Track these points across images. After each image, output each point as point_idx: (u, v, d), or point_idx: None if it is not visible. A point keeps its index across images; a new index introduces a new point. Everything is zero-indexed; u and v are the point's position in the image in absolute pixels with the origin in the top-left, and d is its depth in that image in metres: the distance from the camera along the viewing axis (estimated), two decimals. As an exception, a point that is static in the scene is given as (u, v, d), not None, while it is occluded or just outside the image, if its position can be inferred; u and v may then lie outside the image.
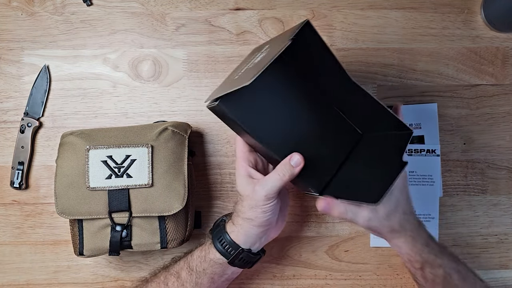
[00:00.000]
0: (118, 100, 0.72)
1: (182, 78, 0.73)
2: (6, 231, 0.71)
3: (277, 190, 0.56)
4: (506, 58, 0.74)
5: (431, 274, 0.58)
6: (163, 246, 0.62)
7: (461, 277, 0.59)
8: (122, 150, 0.62)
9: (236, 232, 0.58)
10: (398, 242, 0.58)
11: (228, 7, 0.73)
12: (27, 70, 0.72)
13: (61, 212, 0.61)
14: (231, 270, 0.61)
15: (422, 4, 0.74)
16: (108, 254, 0.62)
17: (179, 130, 0.65)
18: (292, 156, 0.56)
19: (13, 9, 0.72)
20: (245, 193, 0.58)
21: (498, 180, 0.73)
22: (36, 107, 0.71)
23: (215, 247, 0.59)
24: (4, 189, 0.71)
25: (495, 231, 0.73)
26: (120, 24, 0.73)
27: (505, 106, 0.74)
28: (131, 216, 0.61)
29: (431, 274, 0.58)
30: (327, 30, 0.73)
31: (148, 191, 0.61)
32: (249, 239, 0.58)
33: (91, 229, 0.62)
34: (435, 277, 0.58)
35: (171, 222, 0.63)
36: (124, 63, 0.73)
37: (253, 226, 0.58)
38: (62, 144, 0.64)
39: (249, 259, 0.60)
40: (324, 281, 0.72)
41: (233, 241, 0.58)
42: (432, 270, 0.58)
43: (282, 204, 0.62)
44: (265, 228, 0.58)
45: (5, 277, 0.70)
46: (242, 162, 0.59)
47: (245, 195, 0.58)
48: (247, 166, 0.59)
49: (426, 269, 0.58)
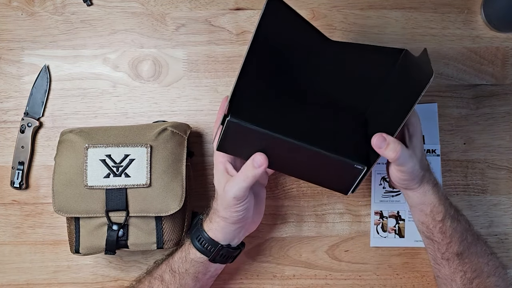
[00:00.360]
0: (118, 100, 0.72)
1: (182, 78, 0.73)
2: (6, 231, 0.71)
3: (244, 191, 0.55)
4: (506, 58, 0.74)
5: (451, 228, 0.59)
6: (159, 246, 0.63)
7: (474, 238, 0.61)
8: (121, 149, 0.62)
9: (213, 230, 0.59)
10: (426, 189, 0.58)
11: (228, 7, 0.73)
12: (27, 70, 0.72)
13: (58, 210, 0.61)
14: (213, 267, 0.61)
15: (422, 4, 0.74)
16: (104, 253, 0.62)
17: (178, 130, 0.65)
18: (254, 157, 0.54)
19: (13, 9, 0.72)
20: (219, 191, 0.58)
21: (498, 180, 0.73)
22: (36, 107, 0.71)
23: (195, 246, 0.59)
24: (4, 189, 0.71)
25: (495, 231, 0.73)
26: (120, 24, 0.73)
27: (505, 106, 0.74)
28: (128, 216, 0.61)
29: (451, 228, 0.59)
30: (327, 30, 0.73)
31: (146, 191, 0.61)
32: (227, 236, 0.59)
33: (88, 227, 0.62)
34: (453, 231, 0.59)
35: (168, 222, 0.63)
36: (124, 63, 0.73)
37: (229, 224, 0.58)
38: (61, 141, 0.64)
39: (229, 254, 0.61)
40: (324, 281, 0.72)
41: (212, 239, 0.59)
42: (452, 223, 0.59)
43: (256, 199, 0.62)
44: (241, 224, 0.59)
45: (5, 277, 0.70)
46: (220, 157, 0.59)
47: (219, 192, 0.58)
48: (225, 161, 0.59)
49: (447, 222, 0.58)
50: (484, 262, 0.60)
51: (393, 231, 0.72)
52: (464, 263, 0.59)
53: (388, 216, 0.72)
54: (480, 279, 0.60)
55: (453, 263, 0.60)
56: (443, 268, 0.61)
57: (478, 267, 0.60)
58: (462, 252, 0.59)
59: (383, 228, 0.71)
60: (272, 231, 0.72)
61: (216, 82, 0.73)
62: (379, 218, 0.72)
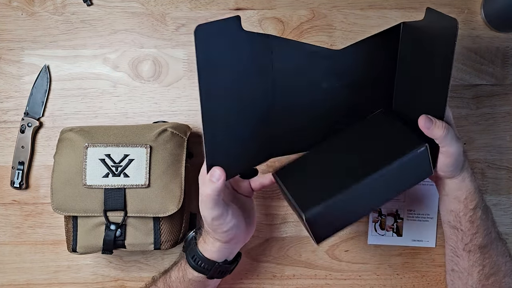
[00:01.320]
0: (118, 100, 0.72)
1: (182, 78, 0.73)
2: (6, 231, 0.71)
3: (216, 209, 0.52)
4: (506, 58, 0.74)
5: (480, 219, 0.59)
6: (156, 247, 0.63)
7: (497, 236, 0.61)
8: (121, 149, 0.62)
9: (209, 250, 0.58)
10: (465, 175, 0.58)
11: (228, 7, 0.73)
12: (27, 70, 0.72)
13: (56, 208, 0.61)
14: (212, 281, 0.61)
15: (422, 4, 0.74)
16: (101, 252, 0.62)
17: (178, 131, 0.65)
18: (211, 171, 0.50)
19: (13, 9, 0.72)
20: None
21: (498, 180, 0.73)
22: (36, 107, 0.71)
23: (191, 266, 0.58)
24: (4, 189, 0.71)
25: (495, 231, 0.73)
26: (120, 24, 0.73)
27: (505, 106, 0.74)
28: (126, 216, 0.61)
29: (480, 219, 0.59)
30: (327, 30, 0.73)
31: (144, 192, 0.61)
32: (223, 254, 0.58)
33: (86, 226, 0.62)
34: (481, 223, 0.59)
35: (166, 223, 0.63)
36: (124, 63, 0.73)
37: (223, 243, 0.57)
38: (61, 140, 0.64)
39: (227, 269, 0.60)
40: (324, 281, 0.72)
41: (208, 259, 0.58)
42: (482, 215, 0.59)
43: (244, 211, 0.59)
44: (234, 241, 0.58)
45: (5, 277, 0.70)
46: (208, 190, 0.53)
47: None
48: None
49: (478, 212, 0.59)
50: (503, 261, 0.60)
51: (391, 230, 0.72)
52: (484, 258, 0.59)
53: (387, 214, 0.72)
54: (496, 277, 0.59)
55: (474, 255, 0.59)
56: (462, 260, 0.61)
57: (496, 264, 0.60)
58: (485, 245, 0.59)
59: (381, 226, 0.72)
60: (272, 231, 0.72)
61: (216, 82, 0.72)
62: (378, 216, 0.72)
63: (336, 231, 0.54)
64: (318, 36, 0.73)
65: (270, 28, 0.73)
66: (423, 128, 0.53)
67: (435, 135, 0.53)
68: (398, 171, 0.53)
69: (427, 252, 0.72)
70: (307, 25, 0.73)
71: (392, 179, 0.54)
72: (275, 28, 0.73)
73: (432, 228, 0.71)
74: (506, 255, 0.61)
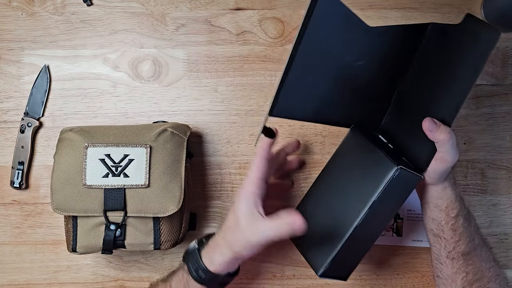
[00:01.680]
0: (118, 100, 0.72)
1: (182, 78, 0.73)
2: (6, 231, 0.71)
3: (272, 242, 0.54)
4: (506, 58, 0.74)
5: (462, 227, 0.58)
6: (156, 247, 0.62)
7: (481, 242, 0.60)
8: (121, 149, 0.62)
9: (216, 263, 0.56)
10: (447, 184, 0.58)
11: (228, 7, 0.73)
12: (27, 70, 0.72)
13: (56, 208, 0.61)
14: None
15: (422, 4, 0.74)
16: (101, 252, 0.62)
17: (178, 131, 0.65)
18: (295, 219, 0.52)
19: (13, 9, 0.72)
20: (243, 226, 0.55)
21: (498, 180, 0.73)
22: (36, 107, 0.71)
23: (194, 278, 0.57)
24: (4, 189, 0.71)
25: (495, 231, 0.73)
26: (120, 24, 0.73)
27: (505, 106, 0.74)
28: (126, 216, 0.61)
29: (462, 227, 0.58)
30: (327, 30, 0.73)
31: (144, 192, 0.61)
32: (231, 267, 0.58)
33: (85, 226, 0.62)
34: (464, 230, 0.59)
35: (166, 223, 0.63)
36: (124, 63, 0.73)
37: (240, 258, 0.56)
38: (61, 139, 0.64)
39: (229, 280, 0.60)
40: (324, 281, 0.72)
41: (212, 272, 0.57)
42: (464, 222, 0.59)
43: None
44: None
45: (5, 277, 0.70)
46: (254, 187, 0.55)
47: (242, 227, 0.55)
48: (257, 196, 0.55)
49: (459, 220, 0.58)
50: (487, 267, 0.60)
51: (391, 230, 0.72)
52: (467, 264, 0.59)
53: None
54: (480, 283, 0.59)
55: (457, 262, 0.59)
56: (446, 267, 0.61)
57: (480, 270, 0.59)
58: (468, 252, 0.59)
59: (382, 227, 0.72)
60: (272, 231, 0.72)
61: (216, 82, 0.73)
62: (379, 218, 0.72)
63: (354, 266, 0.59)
64: (318, 36, 0.73)
65: (270, 28, 0.73)
66: (426, 130, 0.53)
67: (437, 138, 0.53)
68: (384, 199, 0.54)
69: (427, 252, 0.72)
70: (307, 25, 0.73)
71: (383, 207, 0.55)
72: (275, 28, 0.73)
73: (432, 228, 0.71)
74: (490, 260, 0.61)
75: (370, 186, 0.54)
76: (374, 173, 0.55)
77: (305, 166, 0.72)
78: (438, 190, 0.58)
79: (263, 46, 0.73)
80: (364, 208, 0.54)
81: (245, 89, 0.73)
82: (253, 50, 0.73)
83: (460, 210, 0.58)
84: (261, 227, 0.54)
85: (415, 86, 0.59)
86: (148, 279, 0.70)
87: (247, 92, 0.73)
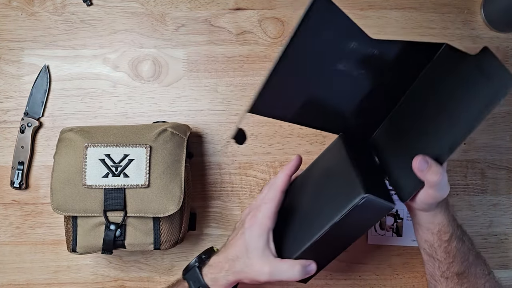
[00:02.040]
0: (118, 100, 0.72)
1: (182, 78, 0.73)
2: (6, 231, 0.71)
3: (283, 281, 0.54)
4: (506, 58, 0.74)
5: (455, 248, 0.57)
6: (156, 247, 0.62)
7: (475, 258, 0.59)
8: (121, 149, 0.62)
9: (219, 284, 0.56)
10: (438, 210, 0.56)
11: (228, 7, 0.73)
12: (27, 70, 0.72)
13: (56, 208, 0.61)
14: None
15: (422, 4, 0.74)
16: (101, 252, 0.62)
17: (178, 131, 0.65)
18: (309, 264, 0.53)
19: (13, 9, 0.72)
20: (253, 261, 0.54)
21: (498, 180, 0.73)
22: (36, 107, 0.71)
23: None
24: (4, 189, 0.71)
25: (495, 231, 0.73)
26: (120, 24, 0.73)
27: (505, 106, 0.74)
28: (125, 216, 0.61)
29: (455, 248, 0.57)
30: (327, 30, 0.73)
31: (144, 192, 0.61)
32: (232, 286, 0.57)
33: (85, 226, 0.62)
34: (457, 252, 0.57)
35: (166, 223, 0.63)
36: (124, 63, 0.73)
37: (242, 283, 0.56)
38: (61, 139, 0.64)
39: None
40: (324, 281, 0.72)
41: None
42: (457, 244, 0.57)
43: None
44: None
45: (5, 277, 0.70)
46: (269, 222, 0.55)
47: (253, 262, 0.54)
48: (271, 231, 0.55)
49: (453, 243, 0.57)
50: (482, 282, 0.59)
51: (391, 230, 0.72)
52: (462, 283, 0.58)
53: (387, 214, 0.72)
54: None
55: (451, 281, 0.59)
56: (440, 285, 0.60)
57: (475, 287, 0.59)
58: (462, 272, 0.58)
59: (381, 226, 0.72)
60: (272, 231, 0.72)
61: (216, 82, 0.73)
62: (378, 217, 0.72)
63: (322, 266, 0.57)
64: (318, 36, 0.73)
65: (270, 28, 0.73)
66: (415, 169, 0.50)
67: (427, 180, 0.50)
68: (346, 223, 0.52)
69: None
70: (307, 25, 0.73)
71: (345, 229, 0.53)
72: (275, 28, 0.73)
73: (432, 228, 0.71)
74: (485, 274, 0.60)
75: (336, 205, 0.52)
76: (342, 193, 0.52)
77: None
78: (429, 216, 0.57)
79: (263, 46, 0.73)
80: (324, 226, 0.52)
81: (245, 89, 0.73)
82: (253, 50, 0.73)
83: (453, 233, 0.57)
84: (272, 267, 0.53)
85: (414, 109, 0.56)
86: (148, 279, 0.71)
87: (247, 92, 0.73)
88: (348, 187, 0.52)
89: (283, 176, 0.57)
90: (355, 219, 0.52)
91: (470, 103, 0.47)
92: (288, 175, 0.57)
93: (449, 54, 0.51)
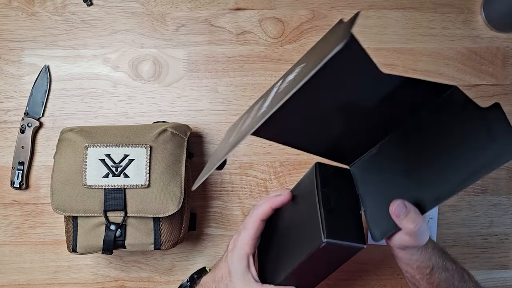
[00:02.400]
0: (118, 100, 0.72)
1: (182, 78, 0.73)
2: (6, 231, 0.71)
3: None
4: (506, 58, 0.74)
5: (438, 279, 0.56)
6: (156, 247, 0.62)
7: (460, 280, 0.58)
8: (121, 149, 0.62)
9: None
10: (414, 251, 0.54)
11: (228, 7, 0.73)
12: (27, 70, 0.72)
13: (56, 208, 0.61)
14: None
15: (422, 4, 0.74)
16: (101, 252, 0.62)
17: (178, 131, 0.65)
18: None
19: (13, 9, 0.72)
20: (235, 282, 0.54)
21: (498, 180, 0.73)
22: (36, 107, 0.71)
23: None
24: (4, 189, 0.71)
25: (495, 231, 0.73)
26: (120, 24, 0.73)
27: (505, 106, 0.73)
28: (126, 216, 0.61)
29: (438, 279, 0.56)
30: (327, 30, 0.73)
31: (144, 192, 0.61)
32: None
33: (86, 226, 0.62)
34: (440, 281, 0.57)
35: (166, 223, 0.63)
36: (124, 63, 0.73)
37: None
38: (61, 140, 0.64)
39: None
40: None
41: None
42: (440, 274, 0.56)
43: None
44: None
45: (5, 277, 0.70)
46: (248, 249, 0.54)
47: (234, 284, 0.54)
48: (251, 257, 0.55)
49: (435, 274, 0.56)
50: None
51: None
52: None
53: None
54: None
55: None
56: None
57: None
58: None
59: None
60: (272, 231, 0.72)
61: (216, 82, 0.73)
62: (379, 218, 0.71)
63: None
64: (318, 36, 0.73)
65: (270, 28, 0.73)
66: (392, 214, 0.48)
67: (403, 226, 0.47)
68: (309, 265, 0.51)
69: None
70: (307, 25, 0.73)
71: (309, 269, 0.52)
72: (275, 28, 0.73)
73: (433, 229, 0.71)
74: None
75: (302, 244, 0.50)
76: (307, 234, 0.50)
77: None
78: (406, 254, 0.54)
79: (263, 46, 0.73)
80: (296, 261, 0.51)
81: (245, 89, 0.73)
82: (253, 50, 0.73)
83: (435, 264, 0.55)
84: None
85: (406, 144, 0.51)
86: (148, 279, 0.71)
87: (247, 92, 0.73)
88: (312, 228, 0.49)
89: (265, 207, 0.55)
90: (323, 257, 0.50)
91: (468, 158, 0.44)
92: (271, 208, 0.55)
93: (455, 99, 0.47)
